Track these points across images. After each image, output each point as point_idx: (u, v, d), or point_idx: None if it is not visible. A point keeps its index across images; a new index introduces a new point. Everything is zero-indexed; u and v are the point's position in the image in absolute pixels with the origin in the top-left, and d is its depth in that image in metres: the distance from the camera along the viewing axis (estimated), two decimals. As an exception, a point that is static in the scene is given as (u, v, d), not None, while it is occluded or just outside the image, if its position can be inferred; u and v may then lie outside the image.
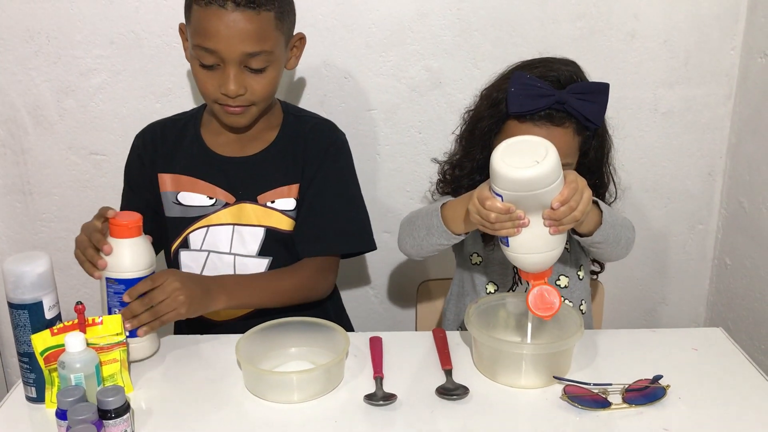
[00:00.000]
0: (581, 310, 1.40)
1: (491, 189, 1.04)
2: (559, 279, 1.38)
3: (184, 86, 1.73)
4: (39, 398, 1.10)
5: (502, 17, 1.69)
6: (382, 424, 1.04)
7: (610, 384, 1.08)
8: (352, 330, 1.53)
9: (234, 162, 1.39)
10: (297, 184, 1.38)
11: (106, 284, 1.17)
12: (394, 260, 1.91)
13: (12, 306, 1.08)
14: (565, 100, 1.20)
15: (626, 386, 1.08)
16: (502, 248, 1.11)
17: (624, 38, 1.72)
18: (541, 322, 1.22)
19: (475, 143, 1.31)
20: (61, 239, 1.84)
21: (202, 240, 1.40)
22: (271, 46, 1.26)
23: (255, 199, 1.38)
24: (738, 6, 1.71)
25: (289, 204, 1.39)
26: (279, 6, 1.25)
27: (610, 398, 1.07)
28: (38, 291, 1.08)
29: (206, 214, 1.39)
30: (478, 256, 1.41)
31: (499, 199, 1.03)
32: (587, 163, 1.31)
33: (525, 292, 1.22)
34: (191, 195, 1.40)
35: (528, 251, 1.08)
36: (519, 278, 1.38)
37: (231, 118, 1.32)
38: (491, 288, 1.40)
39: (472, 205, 1.09)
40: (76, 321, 1.07)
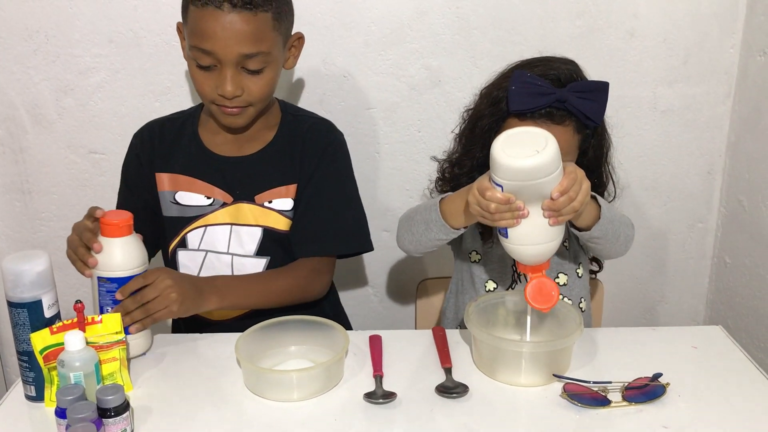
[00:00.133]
0: (580, 308, 1.40)
1: (491, 180, 1.04)
2: (557, 277, 1.38)
3: (182, 85, 1.73)
4: (38, 397, 1.10)
5: (501, 16, 1.69)
6: (382, 422, 1.04)
7: (610, 382, 1.08)
8: (351, 329, 1.52)
9: (231, 162, 1.39)
10: (295, 185, 1.38)
11: (97, 283, 1.17)
12: (394, 259, 1.91)
13: (11, 305, 1.08)
14: (566, 99, 1.20)
15: (626, 384, 1.08)
16: (501, 240, 1.12)
17: (623, 37, 1.72)
18: (541, 320, 1.22)
19: (475, 141, 1.32)
20: (60, 238, 1.81)
21: (199, 240, 1.40)
22: (268, 47, 1.25)
23: (252, 199, 1.38)
24: (737, 4, 1.71)
25: (287, 204, 1.38)
26: (276, 6, 1.25)
27: (610, 396, 1.07)
28: (37, 290, 1.08)
29: (204, 214, 1.39)
30: (477, 253, 1.41)
31: (499, 189, 1.03)
32: (586, 161, 1.31)
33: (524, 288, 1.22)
34: (189, 195, 1.39)
35: (527, 243, 1.08)
36: (518, 276, 1.38)
37: (228, 119, 1.32)
38: (491, 285, 1.40)
39: (471, 196, 1.09)
40: (76, 319, 1.07)
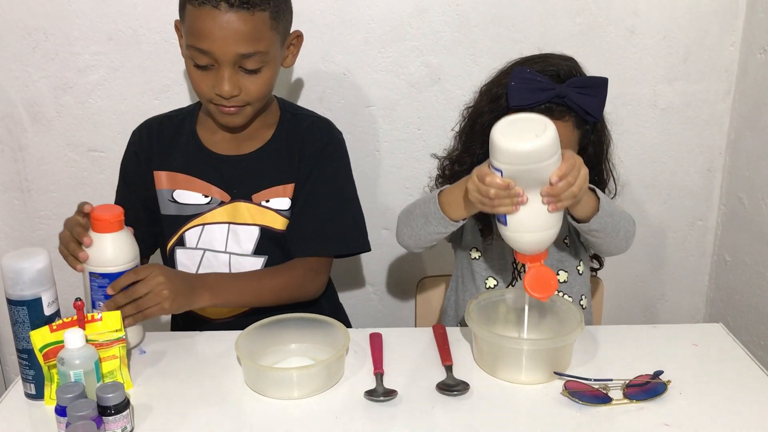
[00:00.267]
0: (581, 305, 1.40)
1: (491, 165, 1.05)
2: (558, 274, 1.37)
3: (182, 83, 1.72)
4: (38, 395, 1.09)
5: (501, 13, 1.69)
6: (383, 420, 1.04)
7: (611, 379, 1.08)
8: (350, 327, 1.52)
9: (229, 160, 1.39)
10: (292, 184, 1.38)
11: (89, 278, 1.17)
12: (394, 257, 1.90)
13: (11, 302, 1.08)
14: (565, 94, 1.20)
15: (627, 382, 1.08)
16: (500, 229, 1.12)
17: (623, 34, 1.72)
18: (542, 318, 1.22)
19: (475, 138, 1.31)
20: (60, 236, 1.83)
21: (197, 238, 1.40)
22: (265, 46, 1.24)
23: (249, 197, 1.37)
24: (737, 2, 1.71)
25: (284, 203, 1.38)
26: (274, 6, 1.24)
27: (611, 394, 1.07)
28: (37, 287, 1.07)
29: (201, 213, 1.39)
30: (477, 250, 1.41)
31: (498, 174, 1.04)
32: (586, 158, 1.30)
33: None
34: (187, 193, 1.39)
35: (526, 230, 1.08)
36: (519, 272, 1.38)
37: (226, 118, 1.31)
38: (491, 282, 1.40)
39: (471, 182, 1.09)
40: (76, 317, 1.07)
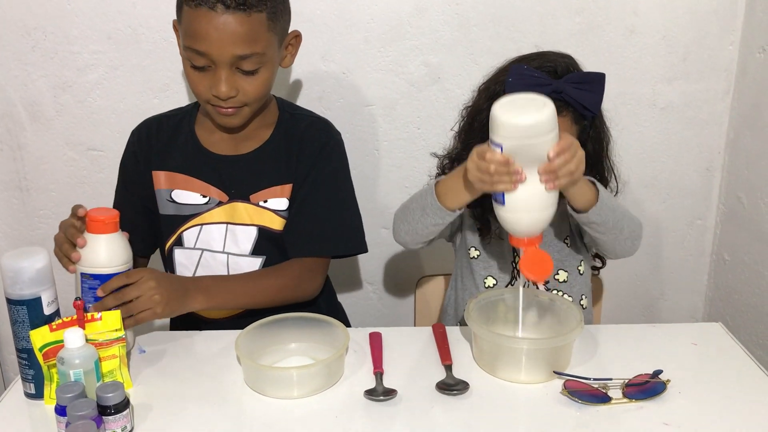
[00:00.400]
0: (581, 305, 1.40)
1: (491, 142, 1.06)
2: (558, 273, 1.38)
3: (181, 82, 1.72)
4: (38, 394, 1.09)
5: (500, 12, 1.69)
6: (383, 419, 1.04)
7: (611, 379, 1.08)
8: (349, 326, 1.52)
9: (228, 160, 1.38)
10: (290, 184, 1.37)
11: (81, 279, 1.17)
12: (393, 256, 1.90)
13: (10, 302, 1.08)
14: (563, 89, 1.21)
15: (626, 381, 1.08)
16: (497, 210, 1.12)
17: (623, 33, 1.72)
18: (541, 317, 1.22)
19: (474, 136, 1.31)
20: (59, 236, 1.83)
21: (195, 238, 1.39)
22: (263, 47, 1.23)
23: (247, 198, 1.37)
24: (736, 2, 1.71)
25: (282, 204, 1.38)
26: (271, 6, 1.23)
27: (611, 393, 1.07)
28: (37, 287, 1.07)
29: (199, 213, 1.38)
30: (476, 249, 1.41)
31: (498, 150, 1.04)
32: (586, 155, 1.31)
33: (524, 285, 1.22)
34: (185, 193, 1.39)
35: (523, 209, 1.10)
36: (518, 271, 1.38)
37: (224, 119, 1.31)
38: (491, 281, 1.40)
39: (470, 161, 1.10)
40: (75, 317, 1.07)
